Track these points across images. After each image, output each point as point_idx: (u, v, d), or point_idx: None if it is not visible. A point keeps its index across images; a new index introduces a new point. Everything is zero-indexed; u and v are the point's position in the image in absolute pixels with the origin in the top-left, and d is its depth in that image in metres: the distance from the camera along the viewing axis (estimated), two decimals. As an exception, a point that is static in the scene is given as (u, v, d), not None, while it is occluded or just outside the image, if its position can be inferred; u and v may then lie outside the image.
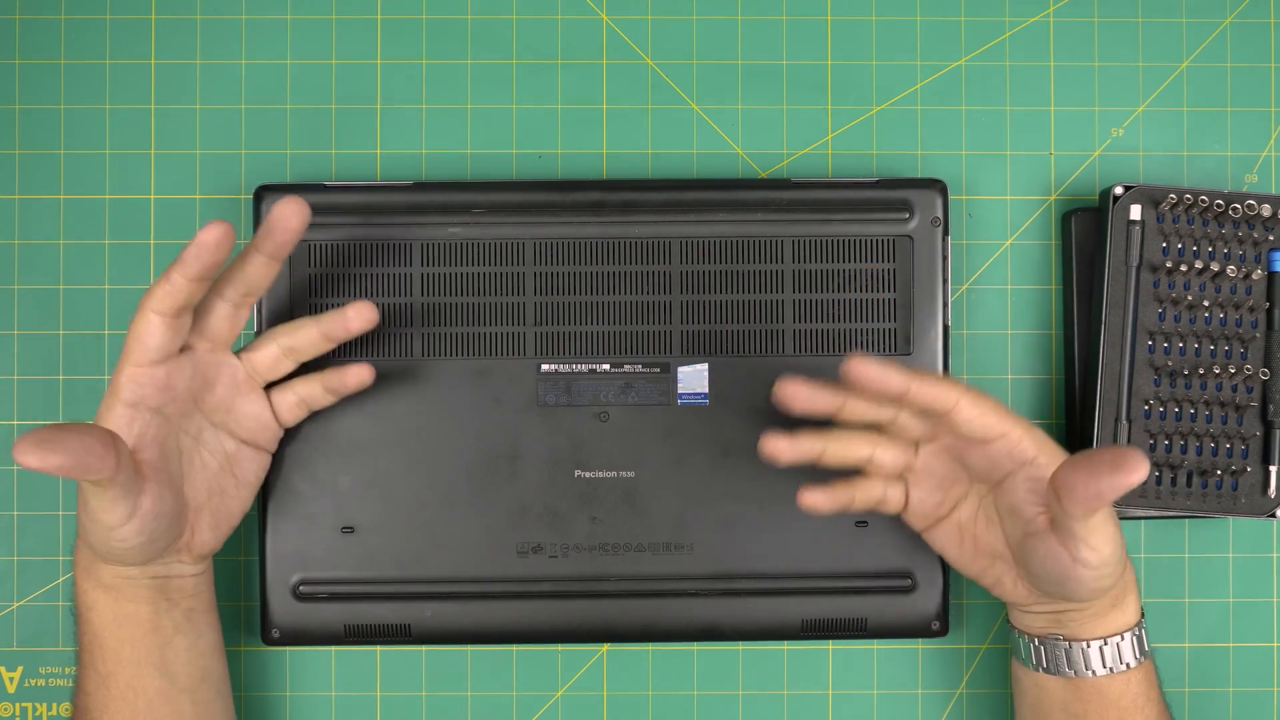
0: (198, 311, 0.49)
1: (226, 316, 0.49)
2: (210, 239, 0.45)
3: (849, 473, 0.51)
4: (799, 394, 0.48)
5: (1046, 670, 0.51)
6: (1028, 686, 0.52)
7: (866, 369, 0.46)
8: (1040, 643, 0.51)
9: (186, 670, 0.51)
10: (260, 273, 0.48)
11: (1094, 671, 0.50)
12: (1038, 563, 0.48)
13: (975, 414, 0.47)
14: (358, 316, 0.50)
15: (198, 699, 0.51)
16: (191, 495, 0.50)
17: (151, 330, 0.46)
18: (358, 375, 0.51)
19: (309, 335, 0.51)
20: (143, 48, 0.58)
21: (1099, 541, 0.45)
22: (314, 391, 0.52)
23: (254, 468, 0.52)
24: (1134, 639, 0.50)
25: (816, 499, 0.50)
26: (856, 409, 0.49)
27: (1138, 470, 0.42)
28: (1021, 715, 0.53)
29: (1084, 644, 0.50)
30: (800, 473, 0.55)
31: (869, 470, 0.51)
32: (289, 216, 0.47)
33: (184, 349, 0.49)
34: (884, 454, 0.50)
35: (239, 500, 0.51)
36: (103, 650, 0.50)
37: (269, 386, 0.52)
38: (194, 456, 0.50)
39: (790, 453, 0.49)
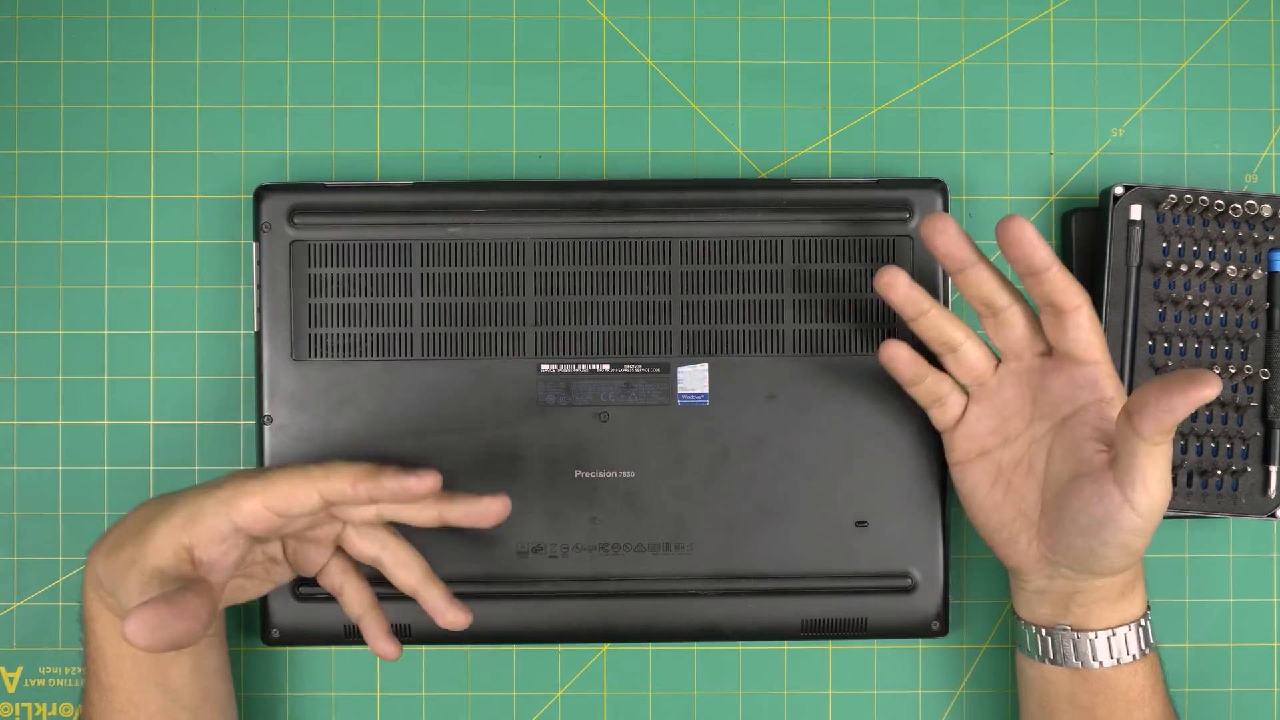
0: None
1: (360, 535, 0.51)
2: (420, 489, 0.46)
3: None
4: (947, 228, 0.48)
5: (1053, 662, 0.51)
6: (1034, 680, 0.52)
7: (1024, 230, 0.47)
8: (1048, 634, 0.51)
9: (189, 690, 0.51)
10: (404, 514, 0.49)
11: (1101, 662, 0.50)
12: (1081, 504, 0.47)
13: (1090, 326, 0.48)
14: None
15: (200, 718, 0.51)
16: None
17: (303, 503, 0.46)
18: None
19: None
20: (143, 48, 0.58)
21: (1154, 482, 0.45)
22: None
23: (280, 578, 0.52)
24: (1140, 630, 0.50)
25: (900, 351, 0.51)
26: (981, 279, 0.49)
27: (1210, 385, 0.42)
28: (1028, 710, 0.53)
29: (1091, 634, 0.50)
30: (802, 473, 0.55)
31: (949, 364, 0.51)
32: (489, 516, 0.48)
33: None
34: (973, 349, 0.50)
35: (253, 594, 0.52)
36: (105, 662, 0.50)
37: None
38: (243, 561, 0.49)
39: (904, 290, 0.50)
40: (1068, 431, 0.49)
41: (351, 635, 0.55)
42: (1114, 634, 0.50)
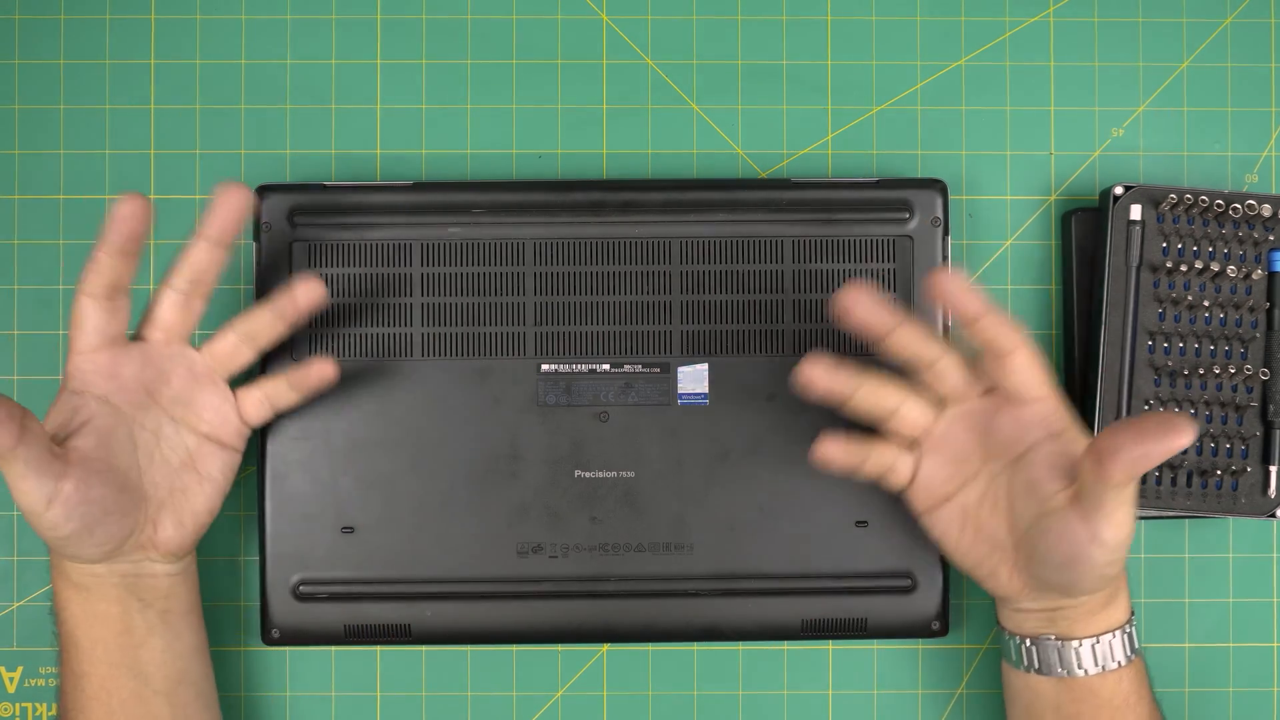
0: (151, 302, 0.50)
1: (176, 305, 0.50)
2: (125, 210, 0.47)
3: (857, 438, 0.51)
4: (862, 300, 0.48)
5: (1038, 671, 0.50)
6: (1019, 689, 0.52)
7: (950, 282, 0.47)
8: (1032, 643, 0.51)
9: (162, 672, 0.50)
10: (206, 259, 0.49)
11: (1085, 670, 0.50)
12: (1050, 544, 0.47)
13: (1029, 366, 0.48)
14: (305, 294, 0.50)
15: (175, 701, 0.51)
16: (151, 491, 0.49)
17: (85, 313, 0.47)
18: (320, 371, 0.51)
19: (263, 319, 0.51)
20: (143, 48, 0.58)
21: (1123, 519, 0.45)
22: (279, 389, 0.52)
23: (219, 464, 0.51)
24: (1124, 637, 0.50)
25: (832, 450, 0.50)
26: (907, 340, 0.49)
27: (1184, 433, 0.42)
28: (1014, 718, 0.53)
29: (1075, 643, 0.50)
30: (802, 473, 0.55)
31: (890, 429, 0.50)
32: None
33: (137, 338, 0.49)
34: (911, 408, 0.50)
35: (204, 498, 0.51)
36: (76, 650, 0.50)
37: (238, 386, 0.52)
38: (152, 451, 0.50)
39: (826, 380, 0.49)
40: (1023, 471, 0.48)
41: (352, 635, 0.55)
42: (1098, 641, 0.50)
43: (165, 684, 0.51)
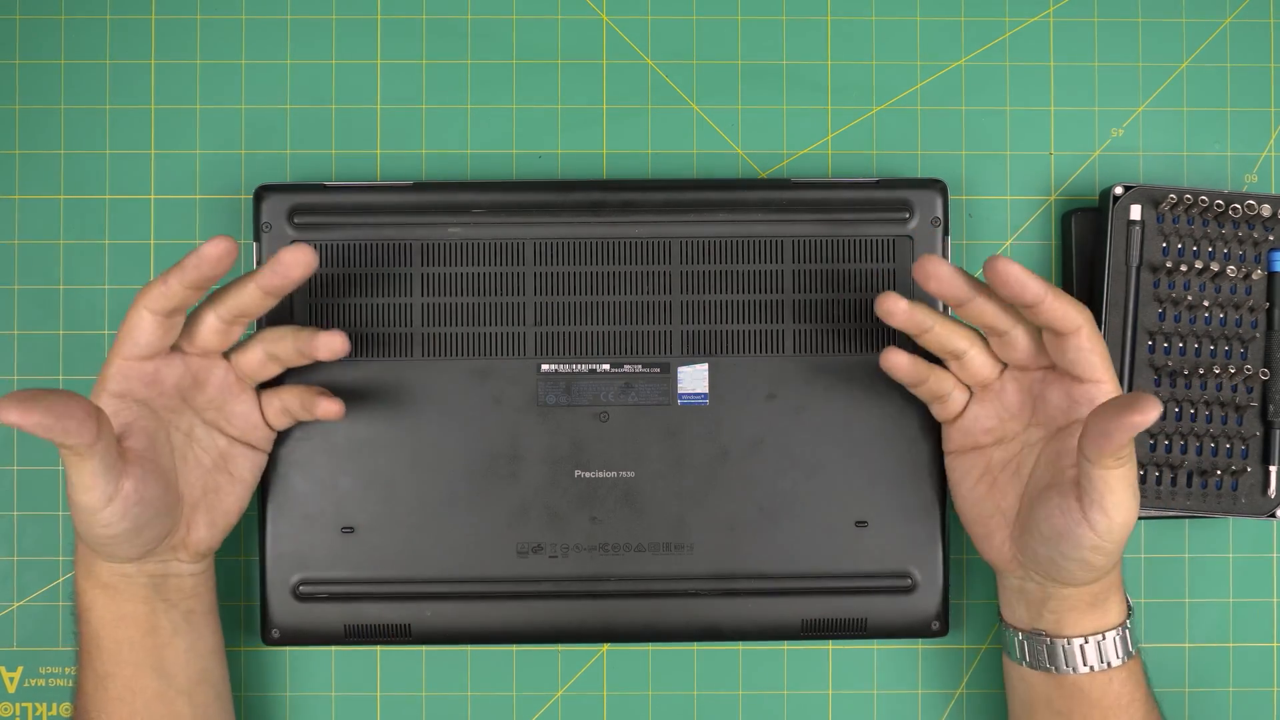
0: (190, 319, 0.49)
1: (217, 331, 0.49)
2: (213, 253, 0.46)
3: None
4: (939, 272, 0.48)
5: (1031, 665, 0.51)
6: (1016, 681, 0.53)
7: (1009, 270, 0.46)
8: (1025, 637, 0.51)
9: (185, 672, 0.51)
10: (255, 302, 0.48)
11: (1074, 669, 0.50)
12: (1044, 514, 0.48)
13: (1090, 348, 0.47)
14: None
15: (195, 701, 0.51)
16: (186, 491, 0.50)
17: (143, 327, 0.47)
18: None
19: (284, 343, 0.50)
20: (143, 48, 0.58)
21: (1113, 505, 0.45)
22: (293, 402, 0.52)
23: (248, 465, 0.52)
24: (1116, 640, 0.50)
25: (899, 359, 0.50)
26: (982, 310, 0.49)
27: (1145, 410, 0.42)
28: (1013, 711, 0.54)
29: (1064, 641, 0.50)
30: (802, 473, 0.55)
31: (955, 369, 0.51)
32: (294, 265, 0.47)
33: (175, 348, 0.49)
34: (978, 356, 0.50)
35: (235, 498, 0.52)
36: (100, 651, 0.50)
37: (261, 388, 0.52)
38: (186, 453, 0.50)
39: (904, 315, 0.49)
40: (1057, 442, 0.49)
41: (352, 635, 0.55)
42: (1086, 642, 0.50)
43: (188, 684, 0.51)
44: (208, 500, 0.51)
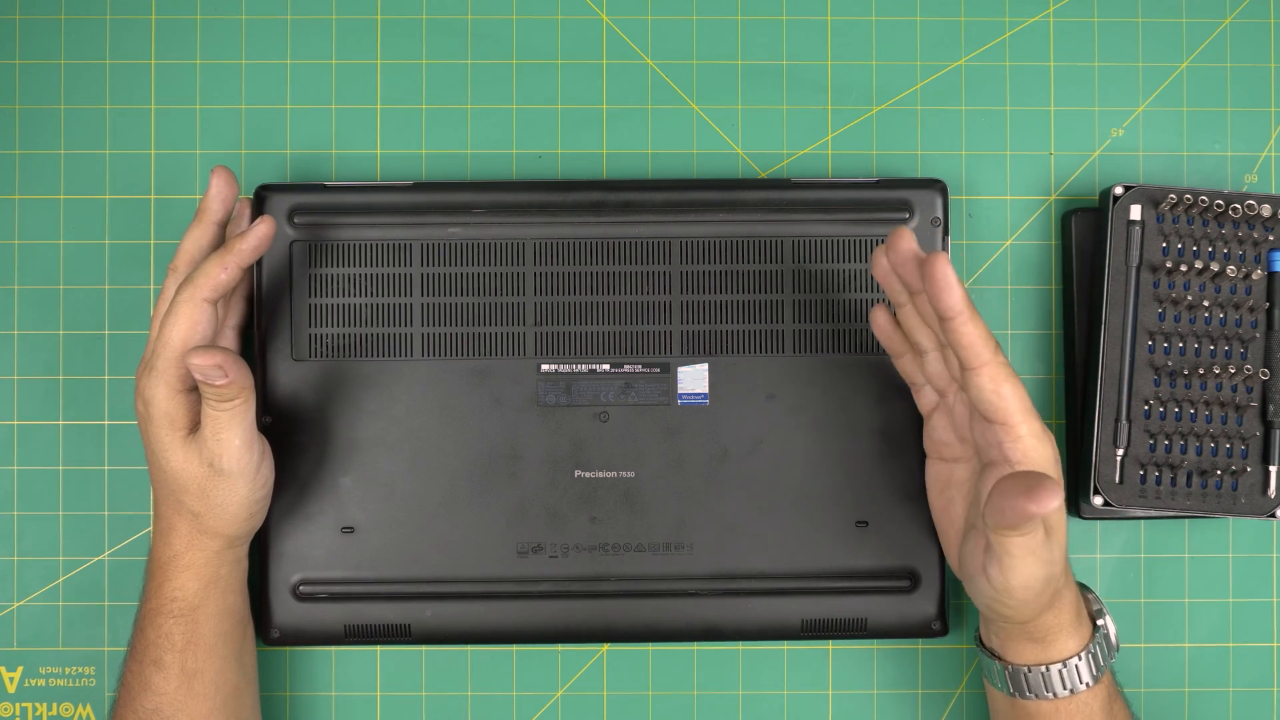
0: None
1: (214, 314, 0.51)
2: (268, 231, 0.49)
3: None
4: (902, 247, 0.45)
5: (987, 679, 0.52)
6: (988, 691, 0.53)
7: (941, 270, 0.43)
8: (981, 652, 0.51)
9: (252, 661, 0.54)
10: (236, 280, 0.50)
11: (1020, 693, 0.49)
12: (964, 552, 0.48)
13: (993, 388, 0.44)
14: (218, 193, 0.52)
15: (255, 691, 0.54)
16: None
17: (208, 318, 0.48)
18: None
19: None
20: (143, 48, 0.58)
21: (1009, 568, 0.44)
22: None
23: (261, 442, 0.53)
24: (1062, 673, 0.48)
25: (882, 317, 0.50)
26: (911, 314, 0.48)
27: (1041, 501, 0.40)
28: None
29: (1008, 665, 0.49)
30: (802, 473, 0.55)
31: (920, 361, 0.50)
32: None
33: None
34: (935, 361, 0.49)
35: (270, 468, 0.52)
36: (198, 648, 0.50)
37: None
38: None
39: (884, 270, 0.47)
40: (983, 480, 0.48)
41: (352, 635, 0.55)
42: (1029, 671, 0.49)
43: (253, 672, 0.53)
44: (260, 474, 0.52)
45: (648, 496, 0.55)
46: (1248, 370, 0.54)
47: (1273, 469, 0.54)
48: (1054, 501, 0.40)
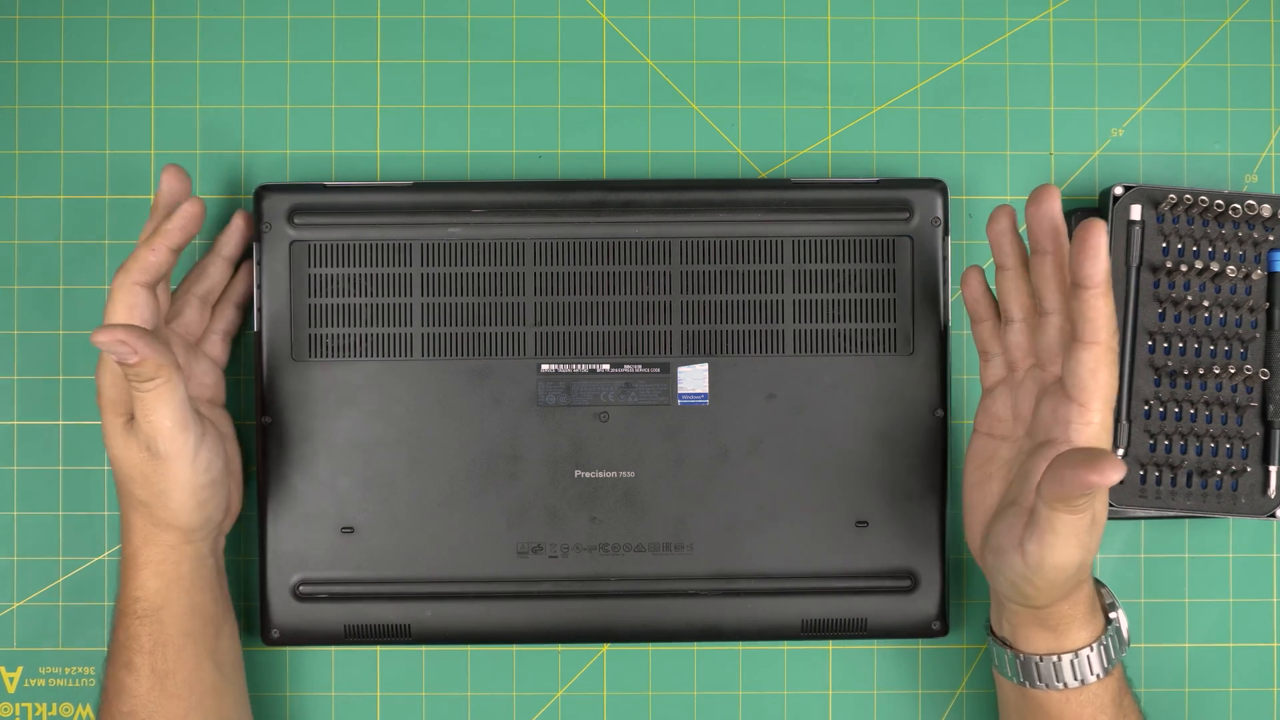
0: (174, 311, 0.53)
1: (199, 313, 0.54)
2: (196, 211, 0.49)
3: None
4: (1049, 200, 0.46)
5: (997, 669, 0.51)
6: (997, 680, 0.52)
7: (1097, 238, 0.43)
8: (992, 641, 0.51)
9: (231, 660, 0.53)
10: (224, 275, 0.53)
11: (1030, 682, 0.49)
12: (999, 525, 0.47)
13: (1093, 368, 0.45)
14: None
15: (237, 692, 0.53)
16: (225, 462, 0.52)
17: (144, 301, 0.48)
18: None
19: (212, 268, 0.54)
20: (143, 48, 0.58)
21: (1050, 545, 0.44)
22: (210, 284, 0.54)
23: (228, 423, 0.55)
24: (1074, 663, 0.48)
25: (975, 279, 0.51)
26: (1047, 271, 0.47)
27: (1104, 472, 0.40)
28: (1002, 714, 0.53)
29: (1021, 654, 0.49)
30: (802, 473, 0.55)
31: (1002, 329, 0.50)
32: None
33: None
34: (1016, 332, 0.49)
35: (238, 460, 0.54)
36: (165, 648, 0.50)
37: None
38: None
39: (999, 231, 0.49)
40: (1033, 460, 0.47)
41: (352, 635, 0.55)
42: (1041, 660, 0.49)
43: (233, 672, 0.53)
44: (230, 466, 0.53)
45: (648, 496, 0.55)
46: (1248, 370, 0.54)
47: (1273, 469, 0.54)
48: (1117, 475, 0.40)
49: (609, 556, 0.55)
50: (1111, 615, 0.50)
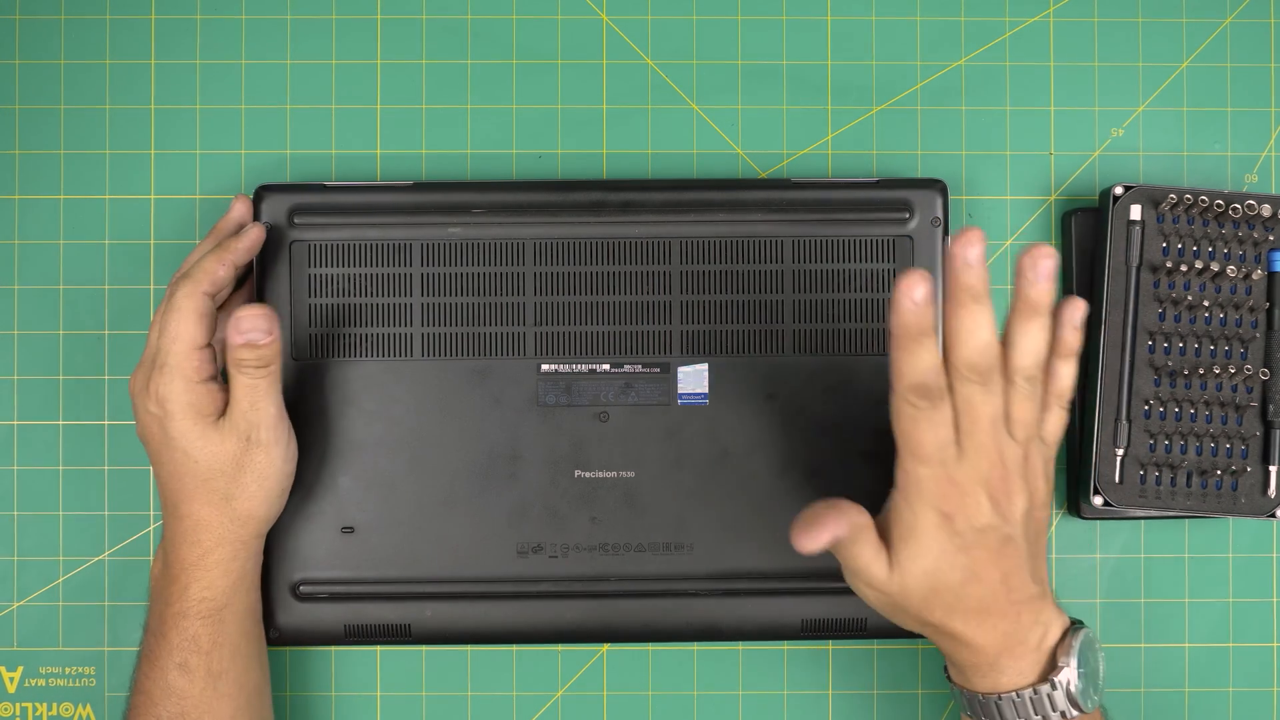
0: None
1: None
2: (261, 236, 0.52)
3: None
4: (1047, 259, 0.45)
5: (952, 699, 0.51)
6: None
7: (1046, 259, 0.44)
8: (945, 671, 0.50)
9: (268, 661, 0.54)
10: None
11: (974, 714, 0.47)
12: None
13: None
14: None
15: (269, 689, 0.54)
16: None
17: (210, 310, 0.50)
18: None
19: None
20: (143, 48, 0.58)
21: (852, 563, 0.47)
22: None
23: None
24: (1014, 704, 0.46)
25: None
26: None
27: (802, 541, 0.45)
28: None
29: (961, 690, 0.48)
30: (802, 473, 0.55)
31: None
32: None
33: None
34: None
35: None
36: (223, 649, 0.50)
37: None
38: None
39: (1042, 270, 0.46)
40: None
41: (352, 635, 0.55)
42: (984, 699, 0.47)
43: (267, 672, 0.54)
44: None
45: (648, 496, 0.55)
46: (1248, 370, 0.54)
47: (1273, 469, 0.54)
48: (818, 540, 0.46)
49: (609, 556, 0.55)
50: (1056, 678, 0.46)
